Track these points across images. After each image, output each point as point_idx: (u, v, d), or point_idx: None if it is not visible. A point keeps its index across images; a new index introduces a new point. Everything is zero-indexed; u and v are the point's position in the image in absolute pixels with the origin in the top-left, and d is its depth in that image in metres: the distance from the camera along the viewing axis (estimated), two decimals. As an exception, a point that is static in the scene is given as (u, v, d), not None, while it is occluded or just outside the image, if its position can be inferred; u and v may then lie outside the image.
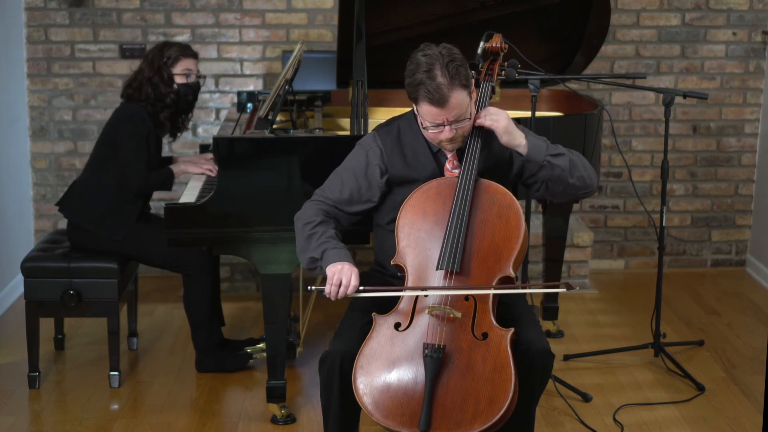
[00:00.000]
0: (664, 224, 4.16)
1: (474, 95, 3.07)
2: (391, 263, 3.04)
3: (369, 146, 3.18)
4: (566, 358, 4.33)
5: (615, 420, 3.80)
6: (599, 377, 4.18)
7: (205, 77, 4.30)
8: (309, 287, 3.04)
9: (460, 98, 2.96)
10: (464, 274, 2.95)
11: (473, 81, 3.07)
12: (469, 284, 2.94)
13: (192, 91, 4.20)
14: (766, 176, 5.44)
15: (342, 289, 2.95)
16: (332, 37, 5.32)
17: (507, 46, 3.33)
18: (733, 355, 4.41)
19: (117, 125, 4.12)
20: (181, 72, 4.15)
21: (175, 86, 4.14)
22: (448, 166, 3.13)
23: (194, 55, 4.21)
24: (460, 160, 3.11)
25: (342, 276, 2.95)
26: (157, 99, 4.12)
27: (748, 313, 4.96)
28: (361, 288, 2.97)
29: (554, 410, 3.87)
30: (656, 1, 5.39)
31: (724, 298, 5.18)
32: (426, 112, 3.00)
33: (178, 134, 4.33)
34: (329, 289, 2.96)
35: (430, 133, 3.06)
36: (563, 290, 2.94)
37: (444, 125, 3.00)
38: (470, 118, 3.04)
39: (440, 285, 2.94)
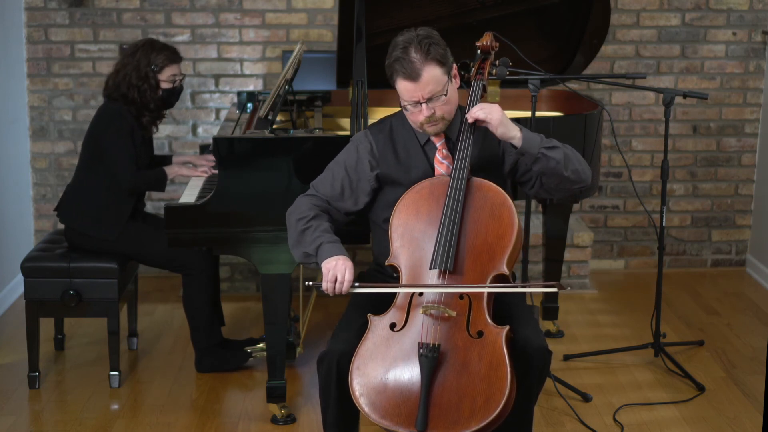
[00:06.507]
0: (664, 224, 4.16)
1: (456, 80, 3.09)
2: (386, 264, 3.05)
3: (360, 141, 3.21)
4: (566, 358, 4.33)
5: (615, 420, 3.80)
6: (599, 377, 4.18)
7: (185, 76, 4.30)
8: (307, 282, 3.05)
9: (433, 73, 2.99)
10: (458, 272, 2.95)
11: (454, 65, 3.09)
12: (463, 283, 2.94)
13: (176, 95, 4.22)
14: (766, 176, 5.44)
15: (338, 285, 2.95)
16: (332, 37, 5.32)
17: (498, 44, 3.33)
18: (733, 355, 4.41)
19: (100, 125, 4.11)
20: (167, 79, 4.15)
21: (160, 92, 4.15)
22: (438, 156, 3.13)
23: (180, 60, 4.21)
24: (450, 151, 3.12)
25: (336, 272, 2.95)
26: (142, 105, 4.13)
27: (748, 313, 4.96)
28: (356, 284, 2.97)
29: (554, 410, 3.87)
30: (656, 1, 5.39)
31: (724, 298, 5.18)
32: (402, 89, 3.03)
33: (158, 124, 4.29)
34: (325, 285, 2.97)
35: (409, 114, 3.08)
36: (554, 290, 2.93)
37: (420, 103, 3.02)
38: (448, 97, 3.04)
39: (435, 284, 2.94)
